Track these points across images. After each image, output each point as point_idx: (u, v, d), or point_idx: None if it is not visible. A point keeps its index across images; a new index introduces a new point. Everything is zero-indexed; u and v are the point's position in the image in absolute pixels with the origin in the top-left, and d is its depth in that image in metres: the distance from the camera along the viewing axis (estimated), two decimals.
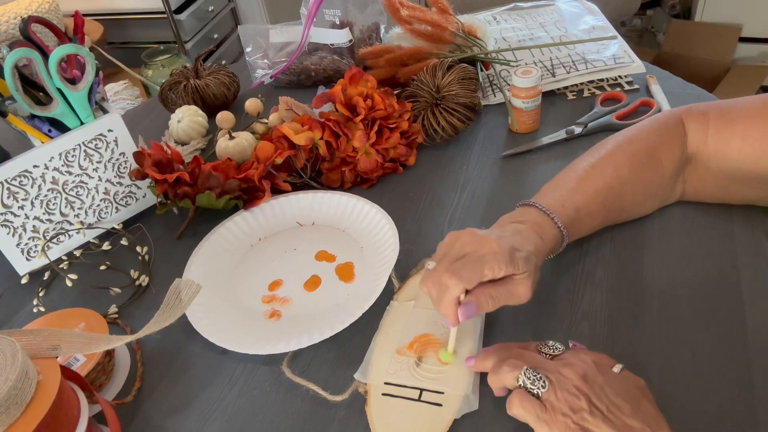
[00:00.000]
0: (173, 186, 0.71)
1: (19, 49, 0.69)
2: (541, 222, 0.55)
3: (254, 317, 0.62)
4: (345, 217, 0.72)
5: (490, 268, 0.49)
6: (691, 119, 0.61)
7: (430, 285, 0.51)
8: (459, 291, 0.49)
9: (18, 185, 0.68)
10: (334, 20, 0.99)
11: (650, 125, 0.62)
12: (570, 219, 0.56)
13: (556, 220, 0.55)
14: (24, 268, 0.71)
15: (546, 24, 1.03)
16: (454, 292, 0.49)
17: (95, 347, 0.50)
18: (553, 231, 0.55)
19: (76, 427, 0.44)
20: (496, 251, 0.49)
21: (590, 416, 0.41)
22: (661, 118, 0.63)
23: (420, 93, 0.82)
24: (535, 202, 0.57)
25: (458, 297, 0.49)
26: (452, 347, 0.53)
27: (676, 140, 0.60)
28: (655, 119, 0.63)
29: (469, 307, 0.49)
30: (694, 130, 0.61)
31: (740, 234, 0.61)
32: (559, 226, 0.55)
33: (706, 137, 0.60)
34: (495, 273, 0.49)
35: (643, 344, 0.53)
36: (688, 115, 0.61)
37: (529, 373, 0.45)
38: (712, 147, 0.59)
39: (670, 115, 0.62)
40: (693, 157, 0.61)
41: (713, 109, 0.60)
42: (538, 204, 0.57)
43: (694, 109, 0.62)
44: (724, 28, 2.13)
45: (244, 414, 0.53)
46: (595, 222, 0.60)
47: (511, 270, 0.49)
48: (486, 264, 0.49)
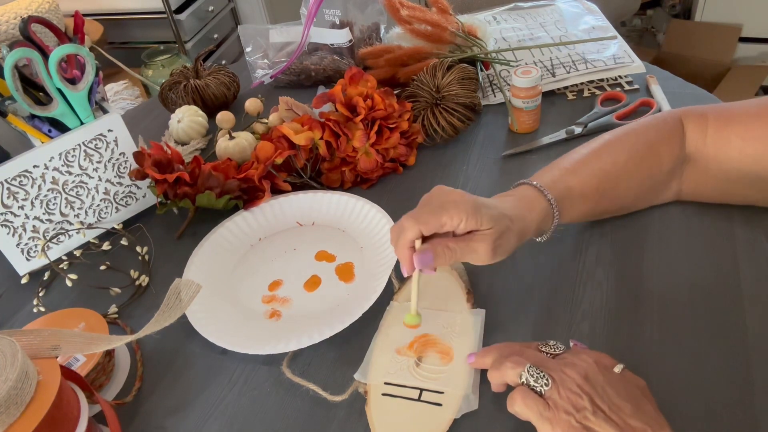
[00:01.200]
0: (173, 186, 0.71)
1: (19, 49, 0.69)
2: (531, 196, 0.56)
3: (254, 317, 0.62)
4: (345, 217, 0.72)
5: (449, 216, 0.49)
6: (690, 120, 0.61)
7: (392, 229, 0.51)
8: (414, 233, 0.49)
9: (18, 185, 0.68)
10: (334, 20, 0.99)
11: (650, 121, 0.63)
12: (561, 195, 0.57)
13: (547, 194, 0.56)
14: (24, 268, 0.71)
15: (546, 24, 1.03)
16: (409, 234, 0.49)
17: (95, 347, 0.50)
18: (542, 204, 0.55)
19: (76, 427, 0.44)
20: (458, 200, 0.49)
21: (593, 415, 0.41)
22: (660, 116, 0.63)
23: (420, 93, 0.82)
24: (528, 180, 0.58)
25: (413, 240, 0.50)
26: (414, 307, 0.52)
27: (676, 138, 0.61)
28: (654, 117, 0.63)
29: (425, 255, 0.49)
30: (693, 131, 0.61)
31: (740, 234, 0.61)
32: (549, 199, 0.56)
33: (705, 138, 0.60)
34: (453, 222, 0.49)
35: (643, 344, 0.53)
36: (687, 115, 0.62)
37: (533, 371, 0.45)
38: (711, 148, 0.59)
39: (669, 115, 0.63)
40: (691, 158, 0.61)
41: (712, 111, 0.61)
42: (530, 181, 0.57)
43: (693, 111, 0.62)
44: (724, 28, 2.13)
45: (244, 414, 0.53)
46: (588, 205, 0.59)
47: (473, 223, 0.49)
48: (445, 211, 0.49)
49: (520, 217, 0.53)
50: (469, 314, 0.57)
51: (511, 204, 0.54)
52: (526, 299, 0.59)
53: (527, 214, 0.54)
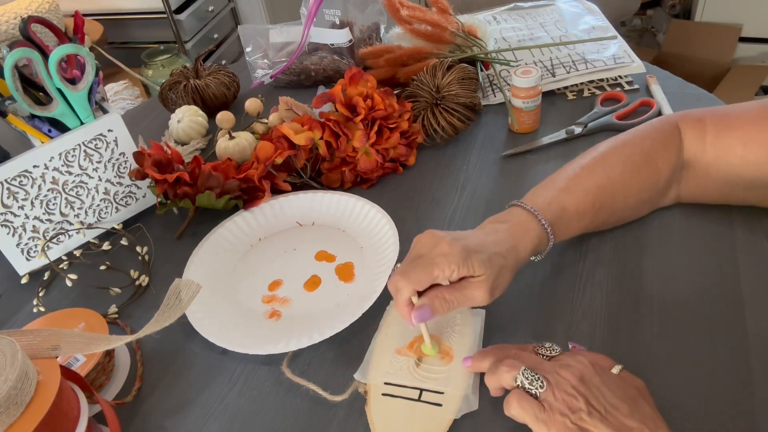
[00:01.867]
0: (173, 186, 0.71)
1: (19, 49, 0.69)
2: (525, 221, 0.55)
3: (254, 317, 0.62)
4: (345, 217, 0.72)
5: (440, 269, 0.49)
6: (688, 125, 0.60)
7: (389, 286, 0.52)
8: (409, 292, 0.50)
9: (18, 185, 0.68)
10: (334, 20, 0.99)
11: (645, 130, 0.62)
12: (556, 217, 0.56)
13: (541, 218, 0.55)
14: (24, 268, 0.71)
15: (546, 24, 1.03)
16: (404, 293, 0.50)
17: (95, 347, 0.50)
18: (536, 230, 0.55)
19: (76, 427, 0.44)
20: (447, 253, 0.49)
21: (588, 416, 0.41)
22: (656, 123, 0.62)
23: (420, 93, 0.82)
24: (521, 202, 0.57)
25: (409, 298, 0.50)
26: (428, 341, 0.53)
27: (672, 145, 0.60)
28: (649, 124, 0.63)
29: (423, 311, 0.50)
30: (691, 136, 0.60)
31: (741, 234, 0.61)
32: (543, 224, 0.55)
33: (705, 144, 0.59)
34: (445, 274, 0.49)
35: (643, 344, 0.53)
36: (684, 121, 0.61)
37: (528, 373, 0.45)
38: (711, 154, 0.59)
39: (665, 121, 0.62)
40: (690, 164, 0.61)
41: (710, 116, 0.60)
42: (523, 204, 0.57)
43: (690, 115, 0.61)
44: (724, 28, 2.13)
45: (244, 414, 0.53)
46: (584, 222, 0.59)
47: (465, 272, 0.49)
48: (436, 265, 0.49)
49: (513, 249, 0.53)
50: (469, 314, 0.57)
51: (503, 235, 0.53)
52: (527, 299, 0.59)
53: (520, 241, 0.53)
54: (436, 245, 0.50)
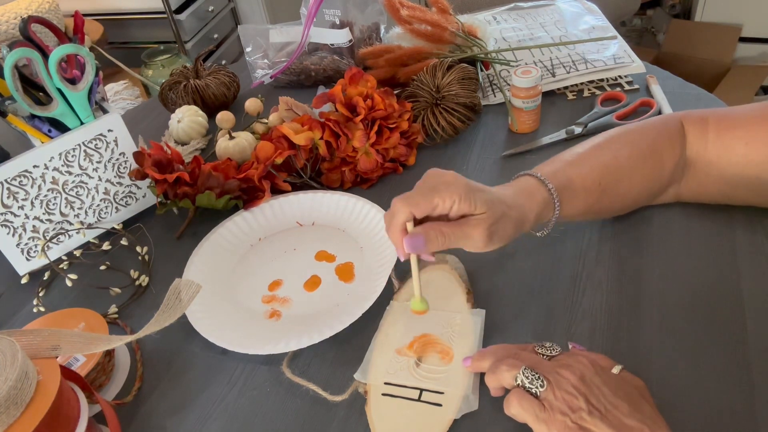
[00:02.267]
0: (173, 186, 0.71)
1: (19, 49, 0.69)
2: (532, 185, 0.55)
3: (254, 317, 0.62)
4: (345, 217, 0.72)
5: (441, 197, 0.48)
6: (691, 124, 0.61)
7: (385, 215, 0.50)
8: (405, 216, 0.48)
9: (18, 185, 0.68)
10: (334, 20, 0.99)
11: (651, 123, 0.62)
12: (562, 186, 0.56)
13: (548, 183, 0.55)
14: (24, 268, 0.71)
15: (546, 24, 1.03)
16: (399, 217, 0.49)
17: (95, 347, 0.50)
18: (542, 194, 0.54)
19: (76, 427, 0.44)
20: (450, 182, 0.49)
21: (588, 416, 0.41)
22: (661, 118, 0.63)
23: (420, 93, 0.82)
24: (529, 171, 0.57)
25: (404, 223, 0.49)
26: (418, 292, 0.52)
27: (677, 140, 0.60)
28: (655, 119, 0.63)
29: (416, 238, 0.48)
30: (694, 135, 0.60)
31: (741, 234, 0.61)
32: (550, 188, 0.55)
33: (707, 143, 0.59)
34: (446, 203, 0.48)
35: (643, 344, 0.53)
36: (687, 119, 0.61)
37: (528, 373, 0.45)
38: (713, 153, 0.59)
39: (669, 118, 0.62)
40: (692, 162, 0.61)
41: (712, 115, 0.60)
42: (531, 172, 0.57)
43: (693, 114, 0.61)
44: (724, 28, 2.13)
45: (244, 414, 0.53)
46: (589, 199, 0.58)
47: (466, 206, 0.48)
48: (437, 192, 0.48)
49: (519, 205, 0.52)
50: (469, 314, 0.57)
51: (511, 192, 0.53)
52: (527, 299, 0.59)
53: (526, 202, 0.53)
54: (440, 176, 0.50)
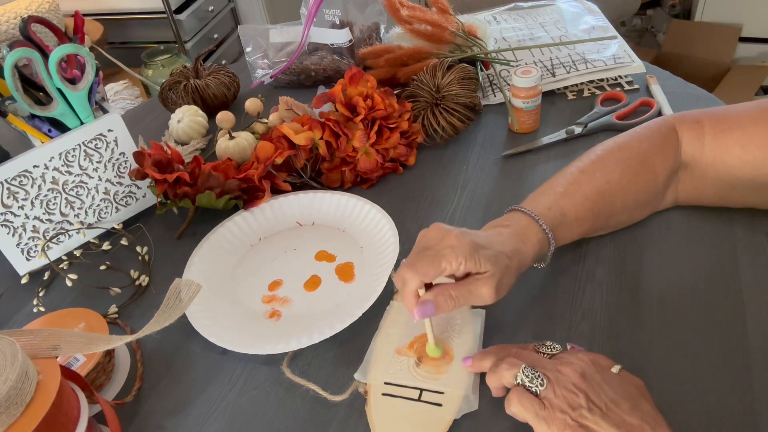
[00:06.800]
0: (173, 186, 0.71)
1: (19, 49, 0.69)
2: (526, 226, 0.55)
3: (254, 317, 0.62)
4: (345, 217, 0.72)
5: (447, 262, 0.49)
6: (685, 127, 0.60)
7: (395, 279, 0.51)
8: (416, 284, 0.49)
9: (18, 185, 0.68)
10: (334, 20, 0.99)
11: (642, 132, 0.62)
12: (556, 222, 0.56)
13: (542, 222, 0.55)
14: (24, 268, 0.71)
15: (546, 24, 1.03)
16: (411, 285, 0.49)
17: (95, 347, 0.50)
18: (538, 235, 0.55)
19: (76, 427, 0.44)
20: (454, 245, 0.49)
21: (589, 413, 0.41)
22: (652, 125, 0.62)
23: (420, 93, 0.82)
24: (521, 207, 0.57)
25: (416, 290, 0.50)
26: (432, 340, 0.53)
27: (670, 147, 0.60)
28: (646, 126, 0.62)
29: (426, 306, 0.49)
30: (689, 138, 0.60)
31: (741, 234, 0.61)
32: (544, 229, 0.55)
33: (703, 145, 0.59)
34: (453, 267, 0.49)
35: (643, 344, 0.53)
36: (681, 122, 0.61)
37: (528, 371, 0.45)
38: (709, 155, 0.59)
39: (662, 123, 0.62)
40: (688, 166, 0.61)
41: (707, 117, 0.60)
42: (523, 208, 0.57)
43: (687, 117, 0.61)
44: (724, 28, 2.13)
45: (244, 414, 0.53)
46: (584, 227, 0.59)
47: (471, 266, 0.49)
48: (443, 257, 0.49)
49: (517, 251, 0.52)
50: (469, 314, 0.57)
51: (508, 237, 0.53)
52: (527, 299, 0.59)
53: (523, 246, 0.53)
54: (443, 238, 0.50)
